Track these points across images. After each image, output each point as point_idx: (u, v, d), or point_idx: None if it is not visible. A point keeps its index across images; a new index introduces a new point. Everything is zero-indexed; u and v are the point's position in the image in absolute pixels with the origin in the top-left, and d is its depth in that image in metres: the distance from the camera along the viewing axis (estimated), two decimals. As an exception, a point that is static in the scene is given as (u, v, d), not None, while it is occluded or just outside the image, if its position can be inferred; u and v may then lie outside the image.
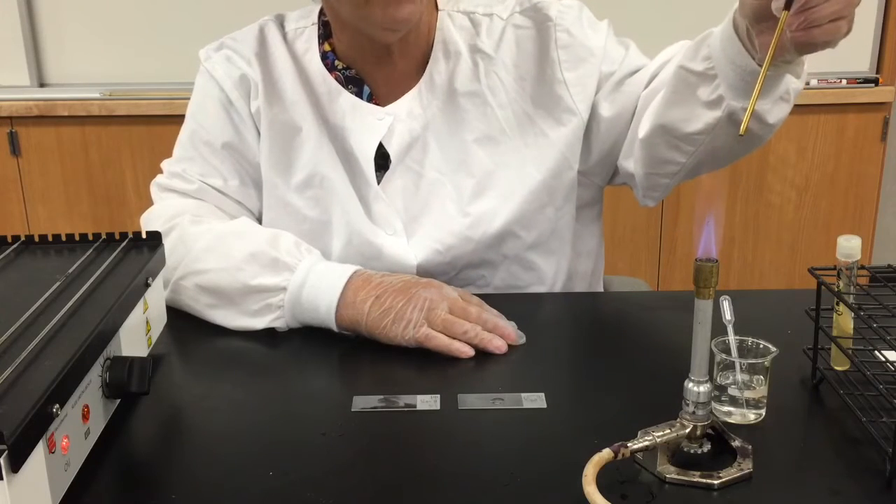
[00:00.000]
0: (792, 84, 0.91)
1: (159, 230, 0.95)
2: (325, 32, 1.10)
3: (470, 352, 0.88)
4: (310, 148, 1.07)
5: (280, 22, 1.13)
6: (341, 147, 1.07)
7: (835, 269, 0.79)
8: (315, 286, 0.93)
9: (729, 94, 0.90)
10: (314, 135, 1.07)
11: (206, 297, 0.97)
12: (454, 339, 0.89)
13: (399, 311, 0.90)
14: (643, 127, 1.01)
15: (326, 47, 1.10)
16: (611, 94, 1.08)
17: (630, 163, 1.08)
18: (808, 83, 0.96)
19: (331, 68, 1.09)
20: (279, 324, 0.95)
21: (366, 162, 1.07)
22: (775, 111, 0.92)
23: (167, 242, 0.98)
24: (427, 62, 1.08)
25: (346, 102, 1.08)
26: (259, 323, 0.95)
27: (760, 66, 0.85)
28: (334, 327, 0.93)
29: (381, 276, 0.94)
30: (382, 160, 1.08)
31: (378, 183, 1.07)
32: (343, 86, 1.08)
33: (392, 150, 1.07)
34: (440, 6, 1.10)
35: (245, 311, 0.95)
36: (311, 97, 1.08)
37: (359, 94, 1.08)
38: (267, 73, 1.09)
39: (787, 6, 0.76)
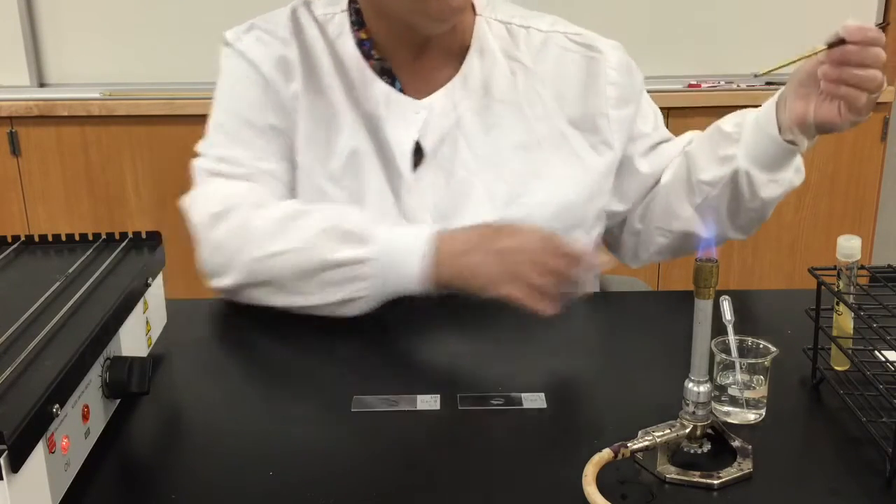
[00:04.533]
0: (790, 174, 1.03)
1: (211, 213, 0.94)
2: (356, 20, 1.10)
3: (554, 310, 0.88)
4: (346, 135, 1.06)
5: (308, 6, 1.11)
6: (375, 137, 1.07)
7: (835, 269, 0.79)
8: (398, 251, 0.93)
9: (741, 153, 1.02)
10: (349, 122, 1.07)
11: (283, 281, 0.95)
12: (538, 293, 0.89)
13: (486, 265, 0.90)
14: (667, 172, 1.13)
15: (363, 35, 1.09)
16: (648, 154, 1.15)
17: (636, 216, 1.15)
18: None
19: (366, 57, 1.08)
20: (362, 304, 0.94)
21: (401, 154, 1.06)
22: (769, 187, 1.03)
23: (222, 226, 0.96)
24: (458, 61, 1.09)
25: (381, 92, 1.07)
26: (341, 303, 0.94)
27: (782, 136, 0.99)
28: (424, 289, 0.93)
29: (464, 230, 0.94)
30: (413, 154, 1.08)
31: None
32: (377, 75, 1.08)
33: (426, 145, 1.07)
34: (478, 11, 1.11)
35: (325, 289, 0.94)
36: (345, 82, 1.07)
37: (390, 86, 1.08)
38: (304, 55, 1.07)
39: (831, 46, 0.89)
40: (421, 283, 0.93)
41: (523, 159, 1.08)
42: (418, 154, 1.07)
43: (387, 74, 1.08)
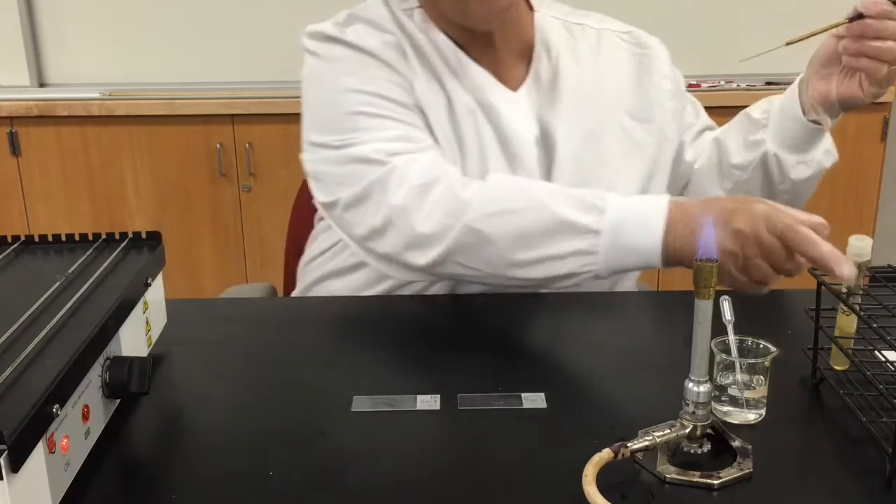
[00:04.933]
0: (818, 155, 1.07)
1: (415, 184, 0.94)
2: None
3: (766, 290, 0.88)
4: (469, 125, 1.06)
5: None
6: (489, 118, 1.07)
7: (835, 268, 0.79)
8: (635, 222, 0.91)
9: (769, 137, 1.06)
10: (466, 109, 1.06)
11: (505, 242, 0.93)
12: (757, 274, 0.87)
13: (722, 245, 0.87)
14: (700, 158, 1.17)
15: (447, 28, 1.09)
16: (693, 143, 1.20)
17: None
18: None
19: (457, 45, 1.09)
20: (584, 279, 0.94)
21: (519, 139, 1.07)
22: (798, 169, 1.07)
23: (433, 193, 0.95)
24: (526, 58, 1.11)
25: (481, 77, 1.08)
26: (562, 278, 0.94)
27: (806, 116, 1.03)
28: (657, 264, 0.92)
29: (697, 203, 0.92)
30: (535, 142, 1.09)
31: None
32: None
33: (537, 135, 1.09)
34: (535, 8, 1.13)
35: (549, 260, 0.93)
36: (449, 68, 1.08)
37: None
38: (412, 44, 1.07)
39: (851, 20, 0.94)
40: (657, 257, 0.91)
41: (592, 148, 1.10)
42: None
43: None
